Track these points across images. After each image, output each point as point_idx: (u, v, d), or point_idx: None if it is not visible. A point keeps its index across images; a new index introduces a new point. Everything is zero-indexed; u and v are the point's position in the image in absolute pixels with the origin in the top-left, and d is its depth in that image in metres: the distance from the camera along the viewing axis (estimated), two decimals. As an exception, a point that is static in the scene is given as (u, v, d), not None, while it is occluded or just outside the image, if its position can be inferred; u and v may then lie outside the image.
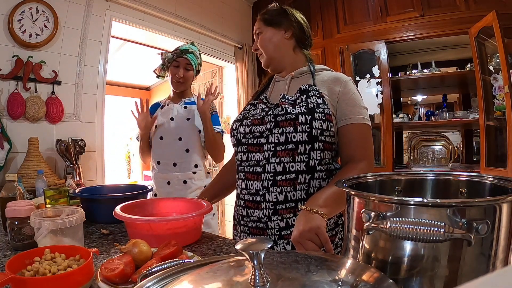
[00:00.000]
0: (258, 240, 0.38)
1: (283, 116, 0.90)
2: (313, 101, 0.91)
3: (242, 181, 0.98)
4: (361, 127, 0.93)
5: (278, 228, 0.91)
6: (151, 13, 2.53)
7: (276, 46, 1.03)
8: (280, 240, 0.91)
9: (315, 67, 1.03)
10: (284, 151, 0.90)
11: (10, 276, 0.56)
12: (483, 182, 0.51)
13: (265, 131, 0.93)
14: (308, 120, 0.88)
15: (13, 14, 1.77)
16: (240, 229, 1.01)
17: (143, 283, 0.44)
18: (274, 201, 0.90)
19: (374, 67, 2.74)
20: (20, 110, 1.78)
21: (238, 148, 1.01)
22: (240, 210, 0.99)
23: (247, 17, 3.70)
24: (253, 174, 0.94)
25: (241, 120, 1.02)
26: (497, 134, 2.33)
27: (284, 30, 1.03)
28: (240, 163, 1.00)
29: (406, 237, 0.36)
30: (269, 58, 1.04)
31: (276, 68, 1.07)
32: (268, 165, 0.91)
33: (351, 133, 0.93)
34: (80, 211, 0.86)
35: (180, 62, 1.61)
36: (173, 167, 1.61)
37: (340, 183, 0.51)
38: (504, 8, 2.16)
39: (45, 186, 1.49)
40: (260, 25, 1.05)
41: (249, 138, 0.97)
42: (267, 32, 1.03)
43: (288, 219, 0.90)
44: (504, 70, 2.06)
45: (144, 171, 4.32)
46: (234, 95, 3.52)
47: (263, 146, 0.93)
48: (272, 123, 0.92)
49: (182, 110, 1.66)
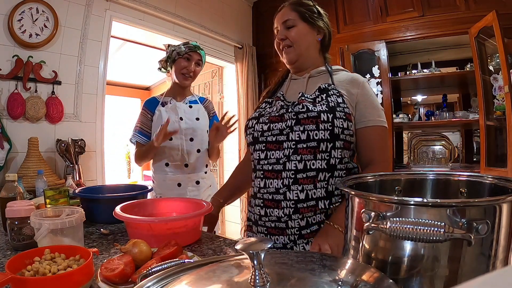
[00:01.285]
0: (258, 240, 0.38)
1: (305, 113, 0.89)
2: (333, 100, 0.91)
3: (260, 180, 0.96)
4: (381, 129, 0.95)
5: (298, 227, 0.89)
6: (151, 13, 2.53)
7: (309, 44, 1.02)
8: (300, 239, 0.90)
9: (332, 68, 1.04)
10: (305, 148, 0.89)
11: (10, 276, 0.56)
12: (483, 182, 0.51)
13: (285, 128, 0.91)
14: (330, 118, 0.88)
15: (13, 14, 1.77)
16: (257, 229, 0.98)
17: (143, 283, 0.44)
18: (295, 199, 0.89)
19: (374, 67, 2.74)
20: (20, 110, 1.78)
21: (255, 147, 0.98)
22: (258, 209, 0.96)
23: (247, 17, 3.70)
24: (272, 172, 0.92)
25: (257, 118, 1.00)
26: (497, 134, 2.33)
27: (317, 31, 1.02)
28: (258, 161, 0.97)
29: (406, 237, 0.36)
30: (299, 55, 1.02)
31: (300, 66, 1.05)
32: (289, 162, 0.89)
33: (371, 135, 0.94)
34: (80, 211, 0.86)
35: (193, 56, 1.58)
36: (185, 168, 1.57)
37: (340, 183, 0.51)
38: (504, 8, 2.16)
39: (45, 186, 1.49)
40: (295, 17, 1.01)
41: (267, 136, 0.95)
42: (302, 28, 1.00)
43: (309, 218, 0.89)
44: (504, 70, 2.06)
45: (144, 171, 4.32)
46: (234, 95, 3.52)
47: (283, 144, 0.91)
48: (293, 120, 0.90)
49: (188, 109, 1.62)
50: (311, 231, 0.89)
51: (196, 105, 1.65)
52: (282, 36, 1.02)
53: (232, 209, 3.53)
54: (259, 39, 3.70)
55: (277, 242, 0.92)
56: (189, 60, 1.58)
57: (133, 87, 4.53)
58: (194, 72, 1.60)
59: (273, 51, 4.16)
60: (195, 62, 1.59)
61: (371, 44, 2.76)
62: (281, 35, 1.03)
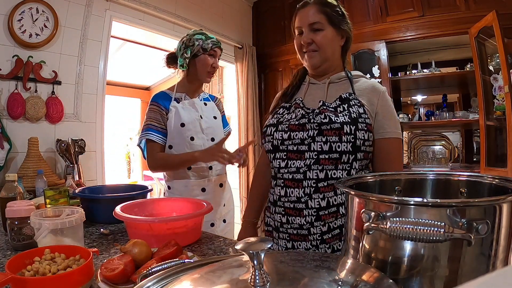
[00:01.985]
0: (258, 240, 0.38)
1: (328, 125, 0.88)
2: (355, 111, 0.91)
3: (280, 188, 0.95)
4: (397, 142, 0.96)
5: (320, 233, 0.90)
6: (151, 13, 2.53)
7: (334, 49, 0.99)
8: (322, 244, 0.90)
9: (351, 73, 1.02)
10: (327, 159, 0.88)
11: (10, 276, 0.56)
12: (483, 182, 0.51)
13: (306, 138, 0.90)
14: (353, 130, 0.87)
15: (13, 14, 1.77)
16: (278, 235, 0.98)
17: (143, 283, 0.44)
18: (316, 207, 0.89)
19: (374, 67, 2.74)
20: (20, 110, 1.78)
21: (275, 155, 0.97)
22: (279, 217, 0.96)
23: (247, 17, 3.70)
24: (293, 181, 0.92)
25: (275, 125, 0.97)
26: (497, 134, 2.33)
27: (341, 35, 0.99)
28: (278, 170, 0.96)
29: (406, 237, 0.36)
30: (325, 59, 0.99)
31: (324, 71, 1.02)
32: (310, 172, 0.89)
33: (389, 147, 0.94)
34: (80, 211, 0.86)
35: (217, 52, 1.45)
36: (209, 170, 1.44)
37: (340, 183, 0.51)
38: (504, 8, 2.16)
39: (45, 186, 1.49)
40: (323, 20, 0.95)
41: (288, 145, 0.93)
42: (330, 32, 0.96)
43: (330, 223, 0.90)
44: (504, 70, 2.05)
45: (144, 171, 4.32)
46: (234, 95, 3.52)
47: (304, 154, 0.90)
48: (315, 130, 0.89)
49: (204, 106, 1.49)
50: (333, 235, 0.90)
51: (209, 103, 1.54)
52: (308, 40, 0.96)
53: (236, 210, 3.52)
54: (259, 39, 3.70)
55: (300, 247, 0.93)
56: (214, 56, 1.45)
57: (133, 87, 4.53)
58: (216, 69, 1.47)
59: (273, 51, 4.15)
60: (218, 57, 1.47)
61: (371, 44, 2.76)
62: (307, 39, 0.96)
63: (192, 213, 1.00)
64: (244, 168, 3.34)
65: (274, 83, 3.52)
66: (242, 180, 3.43)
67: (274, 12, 3.54)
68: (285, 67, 3.39)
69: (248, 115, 3.41)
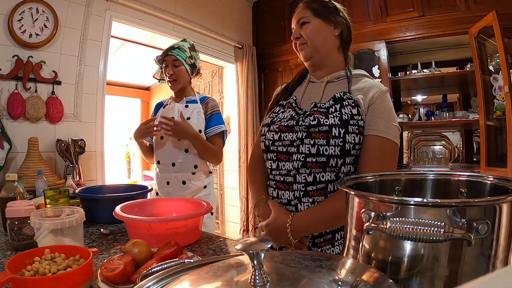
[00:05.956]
0: (258, 240, 0.38)
1: (316, 127, 0.86)
2: (347, 112, 0.87)
3: (273, 189, 0.95)
4: (383, 142, 0.86)
5: (312, 237, 0.90)
6: (151, 13, 2.54)
7: (324, 39, 0.96)
8: (314, 247, 0.91)
9: (352, 72, 0.98)
10: (314, 163, 0.86)
11: (10, 276, 0.56)
12: (483, 182, 0.50)
13: (295, 140, 0.89)
14: (342, 134, 0.84)
15: (13, 14, 1.77)
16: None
17: (143, 283, 0.44)
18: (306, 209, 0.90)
19: (374, 67, 2.74)
20: (20, 110, 1.78)
21: (267, 155, 0.97)
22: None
23: (247, 17, 3.71)
24: (284, 184, 0.92)
25: (269, 125, 0.97)
26: (497, 134, 2.33)
27: (333, 26, 0.97)
28: (270, 171, 0.96)
29: (406, 237, 0.36)
30: (314, 50, 0.96)
31: (316, 64, 1.00)
32: (299, 175, 0.88)
33: (370, 145, 0.86)
34: (80, 211, 0.86)
35: (167, 60, 1.61)
36: (172, 167, 1.60)
37: (340, 183, 0.51)
38: (504, 8, 2.16)
39: (45, 186, 1.49)
40: (307, 14, 0.96)
41: (278, 146, 0.93)
42: (316, 23, 0.96)
43: None
44: (504, 70, 2.06)
45: (144, 171, 4.32)
46: (234, 95, 3.52)
47: (292, 156, 0.89)
48: (304, 132, 0.88)
49: (183, 109, 1.64)
50: (325, 240, 0.90)
51: (192, 105, 1.66)
52: (296, 35, 0.98)
53: (232, 209, 3.53)
54: (259, 39, 3.70)
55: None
56: (167, 66, 1.62)
57: (133, 87, 4.53)
58: (174, 74, 1.60)
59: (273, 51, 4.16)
60: (171, 64, 1.60)
61: (371, 44, 2.76)
62: (295, 34, 0.98)
63: (192, 213, 1.00)
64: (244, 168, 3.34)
65: (274, 83, 3.52)
66: (242, 180, 3.44)
67: (274, 12, 3.54)
68: (285, 67, 3.39)
69: (248, 115, 3.41)
